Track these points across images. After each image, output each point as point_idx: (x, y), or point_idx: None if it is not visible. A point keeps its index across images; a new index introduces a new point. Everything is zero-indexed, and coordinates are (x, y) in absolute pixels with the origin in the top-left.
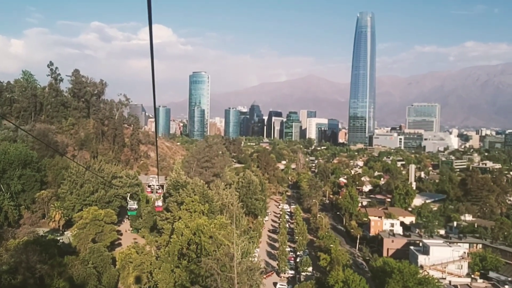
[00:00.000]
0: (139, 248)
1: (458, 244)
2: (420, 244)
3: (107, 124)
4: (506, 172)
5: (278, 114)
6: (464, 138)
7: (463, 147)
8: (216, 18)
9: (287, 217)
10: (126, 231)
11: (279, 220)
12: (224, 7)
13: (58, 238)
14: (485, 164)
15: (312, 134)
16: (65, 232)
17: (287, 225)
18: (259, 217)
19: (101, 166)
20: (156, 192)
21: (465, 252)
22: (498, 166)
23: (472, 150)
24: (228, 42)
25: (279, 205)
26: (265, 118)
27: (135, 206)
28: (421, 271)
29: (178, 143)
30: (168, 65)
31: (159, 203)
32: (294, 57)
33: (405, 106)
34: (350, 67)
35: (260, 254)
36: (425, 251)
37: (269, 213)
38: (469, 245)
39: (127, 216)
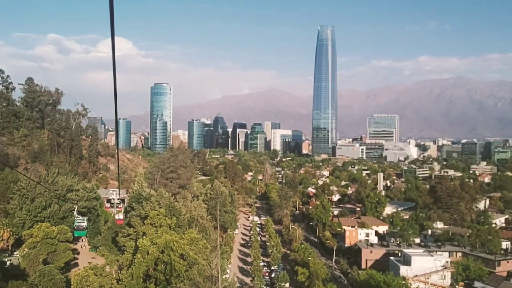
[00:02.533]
0: (97, 269)
1: (438, 252)
2: (400, 254)
3: (63, 135)
4: (467, 180)
5: (243, 126)
6: (422, 148)
7: (422, 156)
8: (177, 31)
9: (258, 229)
10: (81, 248)
11: (249, 233)
12: (185, 20)
13: (6, 260)
14: (447, 172)
15: (277, 145)
16: (14, 253)
17: (259, 238)
18: (229, 230)
19: (55, 179)
20: (117, 206)
21: (447, 262)
22: (459, 174)
23: (431, 159)
24: (189, 55)
25: (249, 217)
26: (230, 130)
27: (84, 224)
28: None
29: (140, 156)
30: (129, 77)
31: (120, 216)
32: (257, 70)
33: (364, 118)
34: (311, 80)
35: (233, 270)
36: (406, 261)
37: (239, 226)
38: (449, 254)
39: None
